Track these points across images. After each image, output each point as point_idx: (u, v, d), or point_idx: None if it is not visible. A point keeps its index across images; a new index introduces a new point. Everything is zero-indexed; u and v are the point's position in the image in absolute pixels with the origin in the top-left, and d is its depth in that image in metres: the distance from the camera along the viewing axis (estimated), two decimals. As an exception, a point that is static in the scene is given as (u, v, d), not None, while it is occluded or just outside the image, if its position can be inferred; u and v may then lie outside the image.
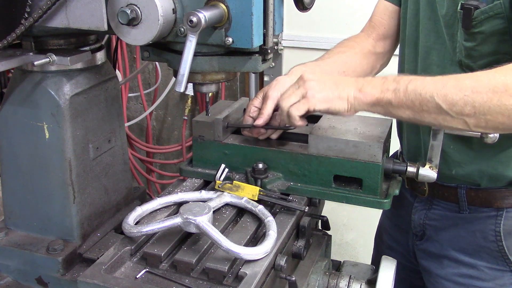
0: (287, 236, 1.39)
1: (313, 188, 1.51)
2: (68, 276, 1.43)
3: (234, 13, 1.24)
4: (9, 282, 1.50)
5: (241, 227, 1.38)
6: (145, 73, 3.62)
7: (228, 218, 1.43)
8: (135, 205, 1.71)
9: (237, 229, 1.38)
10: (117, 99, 1.61)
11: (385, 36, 1.86)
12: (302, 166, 1.51)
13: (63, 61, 1.34)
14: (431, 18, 1.56)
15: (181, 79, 1.23)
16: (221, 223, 1.40)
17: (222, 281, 1.21)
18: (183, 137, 3.57)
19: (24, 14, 1.25)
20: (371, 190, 1.45)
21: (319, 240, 1.67)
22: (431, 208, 1.74)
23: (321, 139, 1.48)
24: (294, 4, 1.38)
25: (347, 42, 1.89)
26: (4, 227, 1.56)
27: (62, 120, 1.40)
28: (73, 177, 1.45)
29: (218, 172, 1.54)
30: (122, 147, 1.64)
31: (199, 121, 1.61)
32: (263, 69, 1.37)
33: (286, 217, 1.43)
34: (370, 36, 1.87)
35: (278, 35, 1.41)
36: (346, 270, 1.67)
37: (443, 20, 1.51)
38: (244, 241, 1.31)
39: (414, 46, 1.66)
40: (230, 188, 1.49)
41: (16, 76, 1.45)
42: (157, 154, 3.83)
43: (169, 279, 1.24)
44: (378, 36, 1.86)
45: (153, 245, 1.33)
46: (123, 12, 1.19)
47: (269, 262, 1.25)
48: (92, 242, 1.51)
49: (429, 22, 1.57)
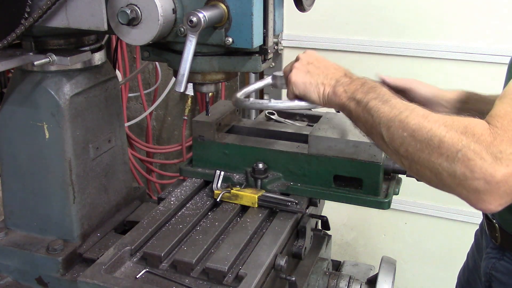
0: (287, 236, 1.39)
1: (313, 188, 1.50)
2: (68, 276, 1.44)
3: (234, 13, 1.24)
4: (9, 282, 1.50)
5: (241, 227, 1.38)
6: (145, 73, 3.61)
7: (228, 218, 1.43)
8: (135, 205, 1.71)
9: (237, 229, 1.38)
10: (117, 99, 1.61)
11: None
12: (302, 166, 1.51)
13: (63, 61, 1.34)
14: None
15: (181, 79, 1.23)
16: (221, 223, 1.40)
17: (222, 281, 1.21)
18: (183, 137, 3.56)
19: (24, 14, 1.25)
20: (371, 190, 1.45)
21: (319, 240, 1.67)
22: (501, 258, 1.57)
23: (321, 139, 1.48)
24: (294, 4, 1.38)
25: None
26: (4, 227, 1.56)
27: (62, 120, 1.40)
28: (73, 177, 1.45)
29: (214, 180, 1.54)
30: (122, 147, 1.64)
31: (199, 121, 1.61)
32: (263, 69, 1.37)
33: (286, 217, 1.43)
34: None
35: (278, 35, 1.41)
36: (346, 270, 1.67)
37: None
38: (244, 241, 1.32)
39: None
40: (229, 197, 1.49)
41: (16, 76, 1.45)
42: (157, 154, 3.82)
43: (169, 279, 1.24)
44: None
45: (153, 245, 1.33)
46: (123, 12, 1.19)
47: (269, 262, 1.25)
48: (92, 242, 1.51)
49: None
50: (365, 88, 1.24)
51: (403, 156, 1.13)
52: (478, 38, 2.53)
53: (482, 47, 1.88)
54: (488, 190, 0.99)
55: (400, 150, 1.12)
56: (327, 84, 1.30)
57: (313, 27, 2.88)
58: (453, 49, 2.62)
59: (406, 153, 1.11)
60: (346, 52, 2.85)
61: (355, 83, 1.26)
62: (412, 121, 1.10)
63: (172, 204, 1.49)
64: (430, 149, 1.06)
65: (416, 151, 1.09)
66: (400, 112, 1.14)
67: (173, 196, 1.53)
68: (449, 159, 1.03)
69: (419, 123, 1.09)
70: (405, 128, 1.11)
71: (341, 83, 1.28)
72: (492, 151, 0.99)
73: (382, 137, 1.16)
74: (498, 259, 1.58)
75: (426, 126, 1.08)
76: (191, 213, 1.46)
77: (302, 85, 1.32)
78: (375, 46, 2.77)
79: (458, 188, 1.04)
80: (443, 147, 1.04)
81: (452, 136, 1.04)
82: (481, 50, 2.49)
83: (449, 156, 1.03)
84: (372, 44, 2.77)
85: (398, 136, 1.12)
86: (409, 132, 1.10)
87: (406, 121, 1.11)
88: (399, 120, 1.13)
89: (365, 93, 1.22)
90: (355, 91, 1.24)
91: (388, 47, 2.74)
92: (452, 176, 1.03)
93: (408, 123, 1.11)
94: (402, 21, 2.69)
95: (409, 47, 2.70)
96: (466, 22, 2.57)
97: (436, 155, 1.05)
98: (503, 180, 0.98)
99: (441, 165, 1.05)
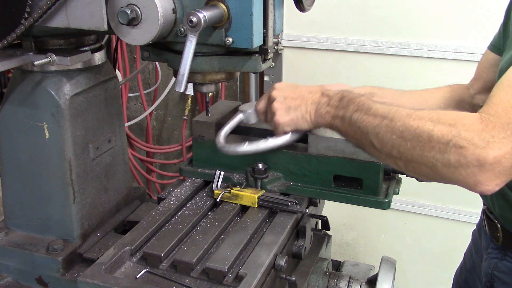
0: (287, 236, 1.39)
1: (313, 188, 1.50)
2: (68, 276, 1.44)
3: (234, 13, 1.24)
4: (9, 282, 1.50)
5: (241, 227, 1.38)
6: (145, 73, 3.61)
7: (228, 218, 1.43)
8: (135, 205, 1.71)
9: (237, 229, 1.38)
10: (117, 99, 1.61)
11: (485, 89, 1.68)
12: (302, 166, 1.51)
13: (63, 61, 1.34)
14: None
15: (181, 79, 1.23)
16: (221, 223, 1.40)
17: (222, 281, 1.21)
18: (183, 137, 3.56)
19: (24, 14, 1.25)
20: (371, 190, 1.45)
21: (319, 240, 1.67)
22: (503, 258, 1.56)
23: (321, 139, 1.48)
24: (294, 4, 1.38)
25: (444, 87, 1.80)
26: (4, 227, 1.56)
27: (62, 120, 1.40)
28: (73, 177, 1.45)
29: (214, 180, 1.54)
30: (122, 147, 1.64)
31: (199, 121, 1.61)
32: (263, 69, 1.37)
33: (286, 217, 1.43)
34: (471, 87, 1.75)
35: (278, 35, 1.41)
36: (346, 270, 1.67)
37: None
38: (244, 241, 1.32)
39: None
40: (229, 197, 1.49)
41: (16, 76, 1.45)
42: (157, 154, 3.82)
43: (169, 279, 1.24)
44: (478, 88, 1.72)
45: (153, 245, 1.32)
46: (123, 12, 1.19)
47: (269, 262, 1.25)
48: (92, 242, 1.51)
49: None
50: (344, 102, 1.29)
51: (397, 158, 1.15)
52: (478, 38, 2.53)
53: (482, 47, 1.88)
54: (484, 172, 1.03)
55: (393, 152, 1.15)
56: (310, 110, 1.36)
57: (313, 27, 2.88)
58: (453, 49, 2.62)
59: (399, 154, 1.14)
60: (346, 52, 2.85)
61: (334, 100, 1.31)
62: (398, 123, 1.14)
63: (172, 204, 1.49)
64: (421, 145, 1.09)
65: (408, 150, 1.12)
66: (384, 117, 1.17)
67: (173, 196, 1.53)
68: (441, 150, 1.06)
69: (405, 123, 1.13)
70: (393, 131, 1.14)
71: (321, 105, 1.34)
72: (484, 137, 1.03)
73: (373, 145, 1.19)
74: (500, 259, 1.58)
75: (412, 125, 1.11)
76: (191, 213, 1.46)
77: (290, 122, 1.39)
78: (375, 46, 2.77)
79: (454, 176, 1.07)
80: (433, 140, 1.07)
81: (440, 129, 1.07)
82: (481, 50, 2.48)
83: (441, 148, 1.06)
84: (372, 44, 2.77)
85: (388, 140, 1.15)
86: (398, 134, 1.13)
87: (392, 124, 1.15)
88: (385, 125, 1.16)
89: (346, 108, 1.27)
90: (336, 108, 1.30)
91: (388, 47, 2.74)
92: (447, 165, 1.06)
93: (395, 126, 1.14)
94: (402, 21, 2.69)
95: (409, 47, 2.71)
96: (466, 22, 2.57)
97: (428, 149, 1.08)
98: (496, 161, 1.01)
99: (434, 157, 1.07)
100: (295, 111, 1.38)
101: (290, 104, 1.39)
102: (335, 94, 1.33)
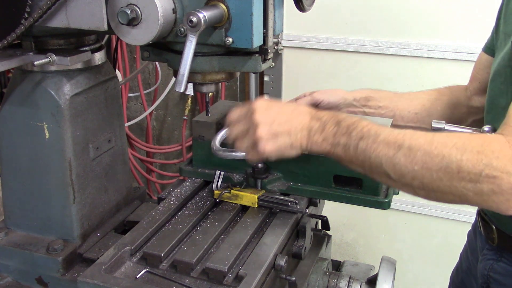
0: (287, 236, 1.39)
1: (313, 188, 1.50)
2: (68, 276, 1.44)
3: (234, 13, 1.24)
4: (9, 282, 1.50)
5: (241, 227, 1.38)
6: (145, 73, 3.61)
7: (228, 218, 1.43)
8: (135, 205, 1.71)
9: (237, 229, 1.38)
10: (117, 99, 1.61)
11: (481, 90, 1.67)
12: (302, 166, 1.51)
13: (63, 61, 1.34)
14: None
15: (181, 79, 1.23)
16: (221, 223, 1.40)
17: (222, 281, 1.21)
18: (183, 137, 3.56)
19: (24, 14, 1.25)
20: (371, 190, 1.45)
21: (319, 240, 1.67)
22: (499, 260, 1.55)
23: (321, 139, 1.48)
24: (294, 4, 1.38)
25: (442, 88, 1.80)
26: (4, 227, 1.56)
27: (62, 120, 1.40)
28: (73, 177, 1.45)
29: (214, 180, 1.54)
30: (122, 147, 1.64)
31: (199, 121, 1.61)
32: (263, 69, 1.37)
33: (286, 217, 1.43)
34: (468, 89, 1.75)
35: (278, 35, 1.41)
36: (346, 270, 1.67)
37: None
38: (244, 241, 1.32)
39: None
40: (229, 197, 1.49)
41: (16, 76, 1.45)
42: (157, 154, 3.82)
43: (169, 279, 1.24)
44: (474, 90, 1.71)
45: (153, 245, 1.32)
46: (123, 12, 1.19)
47: (269, 262, 1.25)
48: (92, 242, 1.51)
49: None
50: (342, 129, 1.18)
51: (418, 188, 1.09)
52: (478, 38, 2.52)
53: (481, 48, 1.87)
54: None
55: (414, 183, 1.08)
56: (301, 137, 1.23)
57: (313, 27, 2.88)
58: (453, 49, 2.62)
59: (422, 185, 1.08)
60: (346, 52, 2.85)
61: (329, 126, 1.20)
62: (419, 153, 1.06)
63: (172, 204, 1.49)
64: (449, 176, 1.03)
65: (434, 181, 1.06)
66: (400, 146, 1.09)
67: (173, 196, 1.53)
68: (472, 180, 1.01)
69: (427, 152, 1.06)
70: (414, 162, 1.07)
71: (314, 131, 1.22)
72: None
73: (388, 175, 1.12)
74: (495, 260, 1.57)
75: (437, 155, 1.04)
76: (191, 213, 1.46)
77: (277, 151, 1.24)
78: (375, 46, 2.77)
79: (487, 204, 1.04)
80: (463, 171, 1.02)
81: (469, 157, 1.02)
82: (481, 50, 2.48)
83: (472, 178, 1.01)
84: (372, 44, 2.77)
85: (408, 171, 1.08)
86: (420, 164, 1.06)
87: (411, 154, 1.07)
88: (403, 155, 1.08)
89: (347, 135, 1.17)
90: (334, 135, 1.19)
91: (388, 47, 2.74)
92: (479, 194, 1.02)
93: (415, 156, 1.06)
94: (402, 21, 2.69)
95: (409, 47, 2.71)
96: (466, 22, 2.57)
97: (457, 180, 1.03)
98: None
99: (465, 187, 1.03)
100: (281, 139, 1.22)
101: (275, 131, 1.22)
102: (329, 118, 1.22)
